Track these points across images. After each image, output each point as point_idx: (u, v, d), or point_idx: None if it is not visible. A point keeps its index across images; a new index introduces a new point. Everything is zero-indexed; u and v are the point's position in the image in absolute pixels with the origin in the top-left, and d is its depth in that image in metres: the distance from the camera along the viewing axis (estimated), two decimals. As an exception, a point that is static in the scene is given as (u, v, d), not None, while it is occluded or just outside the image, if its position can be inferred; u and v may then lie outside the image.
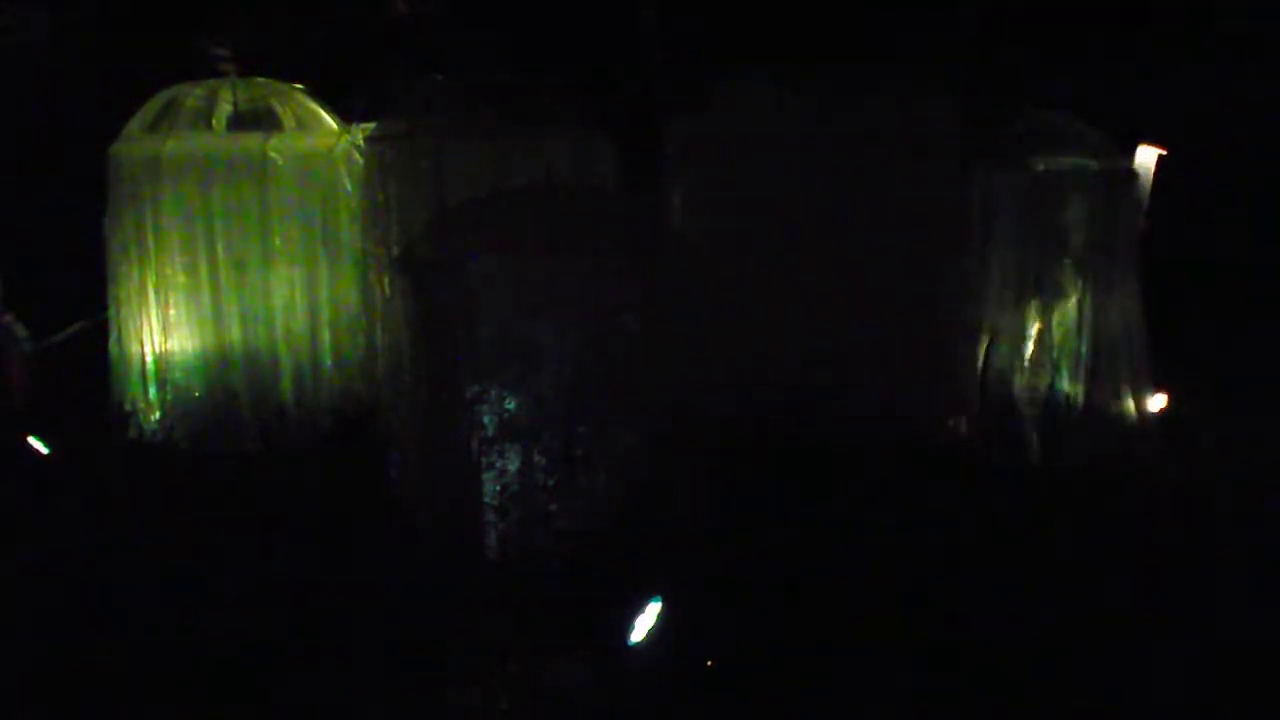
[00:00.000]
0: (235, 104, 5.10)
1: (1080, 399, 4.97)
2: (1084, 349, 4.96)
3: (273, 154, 4.96)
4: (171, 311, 4.99)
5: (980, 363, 4.95)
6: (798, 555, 3.67)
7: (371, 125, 4.91)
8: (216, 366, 5.00)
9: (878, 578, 3.52)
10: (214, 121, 5.05)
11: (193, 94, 5.12)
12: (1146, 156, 5.60)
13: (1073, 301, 4.97)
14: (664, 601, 3.25)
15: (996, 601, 3.45)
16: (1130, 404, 5.01)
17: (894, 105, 4.60)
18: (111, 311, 5.11)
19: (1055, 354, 4.99)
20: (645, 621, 3.22)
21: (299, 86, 5.30)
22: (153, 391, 5.04)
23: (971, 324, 4.88)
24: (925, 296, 4.68)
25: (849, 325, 4.59)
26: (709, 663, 3.16)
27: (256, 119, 5.11)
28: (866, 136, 4.60)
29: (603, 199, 4.38)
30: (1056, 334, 4.98)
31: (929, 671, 3.12)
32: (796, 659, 3.16)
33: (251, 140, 5.01)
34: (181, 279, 4.98)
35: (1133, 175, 5.13)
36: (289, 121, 5.13)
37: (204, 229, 4.97)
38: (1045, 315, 5.00)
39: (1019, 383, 4.98)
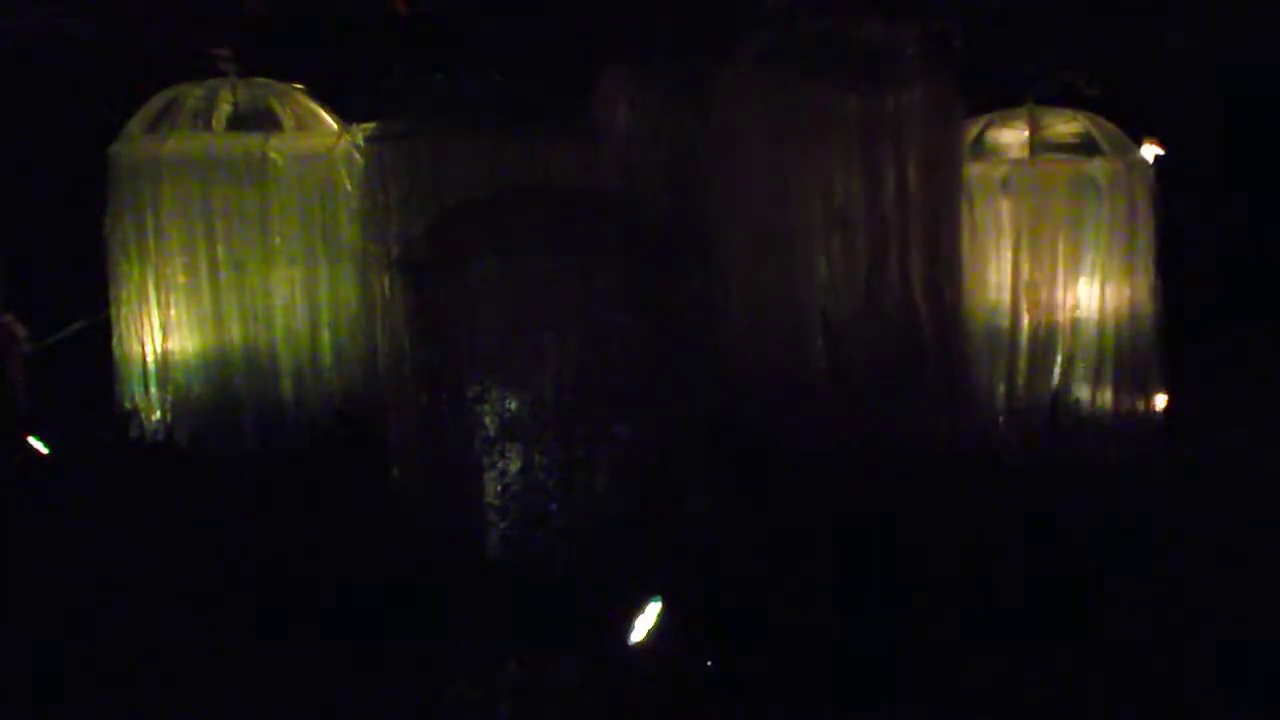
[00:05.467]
0: (235, 104, 5.10)
1: (1087, 399, 4.97)
2: (1093, 348, 4.96)
3: (273, 154, 4.97)
4: (171, 311, 5.00)
5: (986, 362, 4.94)
6: (800, 555, 3.66)
7: (371, 125, 4.91)
8: (216, 366, 5.00)
9: (880, 578, 3.52)
10: (214, 121, 5.05)
11: (193, 94, 5.12)
12: (1146, 154, 5.59)
13: (1083, 299, 4.96)
14: (664, 602, 3.25)
15: (997, 602, 3.45)
16: (1138, 404, 5.01)
17: (893, 98, 4.57)
18: (111, 311, 5.12)
19: (1063, 353, 4.98)
20: (645, 621, 3.22)
21: (299, 86, 5.31)
22: (153, 391, 5.04)
23: (975, 322, 4.87)
24: (926, 294, 4.66)
25: (848, 324, 4.58)
26: (709, 663, 3.16)
27: (257, 119, 5.11)
28: (865, 131, 4.57)
29: (603, 199, 4.38)
30: (1065, 332, 4.98)
31: (931, 672, 3.12)
32: (798, 659, 3.16)
33: (251, 140, 5.01)
34: (181, 279, 4.98)
35: (1147, 167, 5.10)
36: (289, 121, 5.13)
37: (204, 229, 4.97)
38: (1054, 313, 5.00)
39: (1022, 383, 4.98)
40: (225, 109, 5.09)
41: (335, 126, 5.19)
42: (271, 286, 5.03)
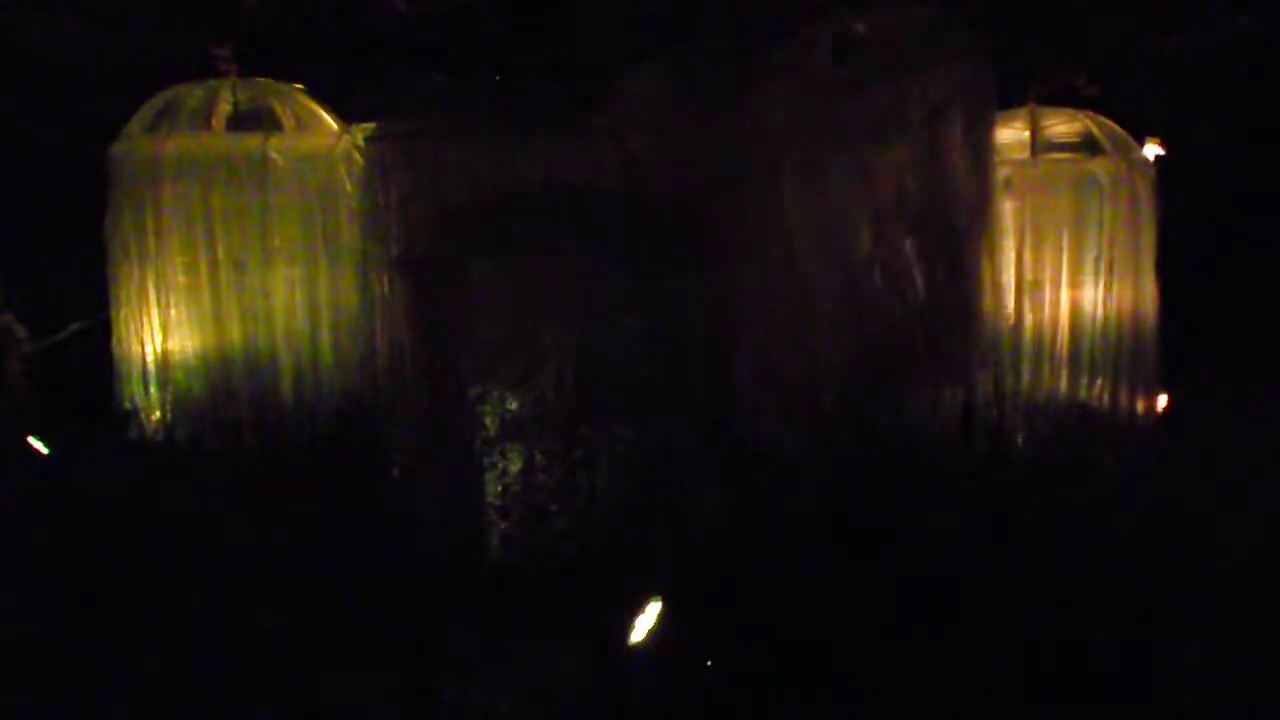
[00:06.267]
0: (235, 104, 5.10)
1: (1089, 398, 4.96)
2: (1096, 347, 4.95)
3: (273, 154, 4.97)
4: (171, 311, 5.00)
5: (989, 361, 4.93)
6: (801, 555, 3.66)
7: (371, 125, 4.90)
8: (216, 366, 5.00)
9: (882, 579, 3.51)
10: (214, 121, 5.06)
11: (193, 94, 5.13)
12: (1148, 153, 5.59)
13: (1086, 298, 4.96)
14: (664, 602, 3.25)
15: (1000, 603, 3.44)
16: (1138, 404, 5.00)
17: (896, 96, 4.55)
18: (111, 311, 5.12)
19: (1066, 352, 4.97)
20: (645, 621, 3.21)
21: (299, 86, 5.31)
22: (153, 391, 5.04)
23: (979, 320, 4.85)
24: (931, 292, 4.64)
25: (851, 321, 4.57)
26: (709, 663, 3.16)
27: (256, 119, 5.11)
28: (867, 127, 4.55)
29: (603, 199, 4.38)
30: (1068, 331, 4.97)
31: (932, 674, 3.12)
32: (798, 660, 3.15)
33: (251, 140, 5.01)
34: (181, 279, 4.99)
35: (1149, 166, 5.10)
36: (289, 121, 5.13)
37: (204, 229, 4.98)
38: (1057, 311, 4.99)
39: (1025, 383, 4.97)
40: (225, 109, 5.09)
41: (335, 126, 5.18)
42: (271, 286, 5.03)
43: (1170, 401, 5.14)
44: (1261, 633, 3.31)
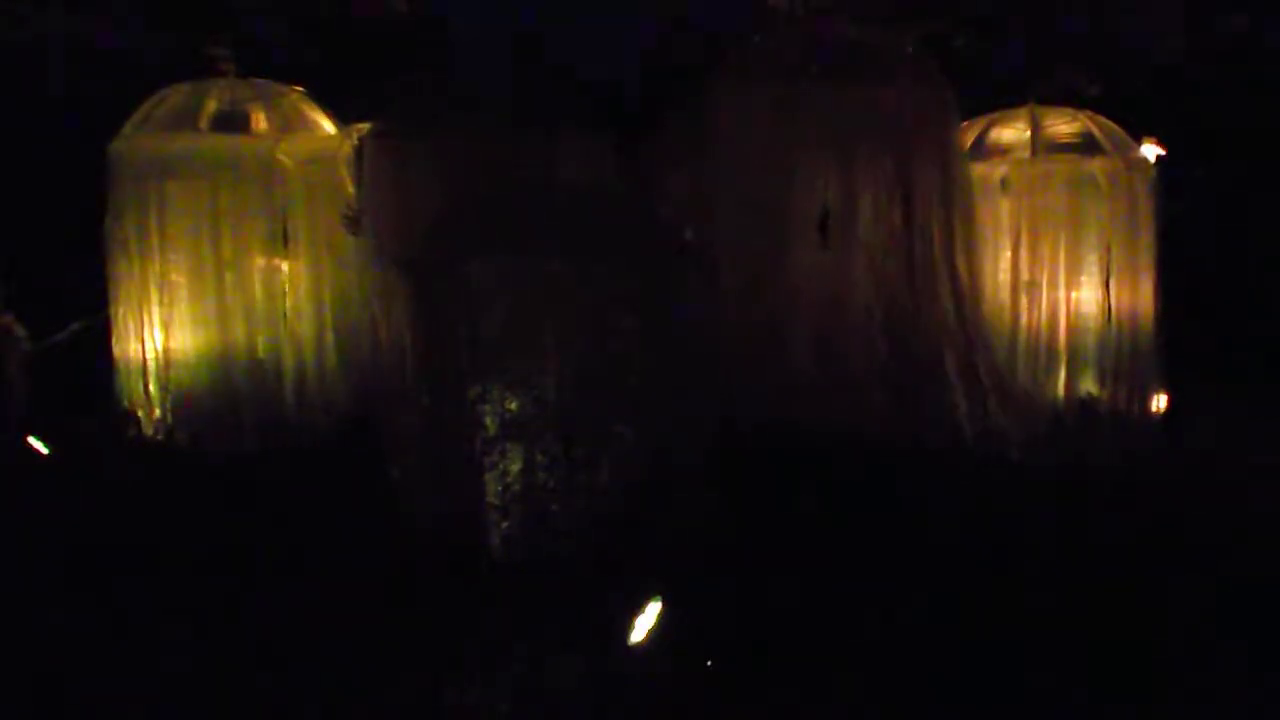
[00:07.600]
0: (232, 104, 5.11)
1: (1087, 397, 4.97)
2: (1094, 346, 4.96)
3: (277, 155, 4.97)
4: (172, 311, 5.00)
5: (989, 361, 4.93)
6: (799, 553, 3.66)
7: (371, 125, 4.91)
8: (217, 366, 5.01)
9: (881, 576, 3.51)
10: (210, 121, 5.06)
11: (190, 94, 5.13)
12: (1147, 153, 5.60)
13: (1085, 298, 4.97)
14: (664, 601, 3.25)
15: (1001, 600, 3.44)
16: (1138, 402, 5.00)
17: (895, 100, 4.57)
18: (111, 311, 5.12)
19: (1064, 351, 4.97)
20: (645, 621, 3.21)
21: (299, 88, 5.31)
22: (153, 391, 5.05)
23: (982, 320, 4.85)
24: (932, 293, 4.65)
25: (851, 322, 4.58)
26: (709, 663, 3.16)
27: (254, 119, 5.12)
28: (867, 128, 4.57)
29: (603, 199, 4.38)
30: (1066, 331, 4.97)
31: (930, 670, 3.11)
32: (797, 658, 3.15)
33: (255, 140, 5.02)
34: (182, 279, 4.99)
35: (1148, 166, 5.11)
36: (287, 122, 5.14)
37: (205, 228, 4.99)
38: (1057, 312, 4.99)
39: (1029, 381, 4.97)
40: (222, 108, 5.10)
41: (334, 127, 5.19)
42: (272, 287, 5.03)
43: (1170, 401, 5.14)
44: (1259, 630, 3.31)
